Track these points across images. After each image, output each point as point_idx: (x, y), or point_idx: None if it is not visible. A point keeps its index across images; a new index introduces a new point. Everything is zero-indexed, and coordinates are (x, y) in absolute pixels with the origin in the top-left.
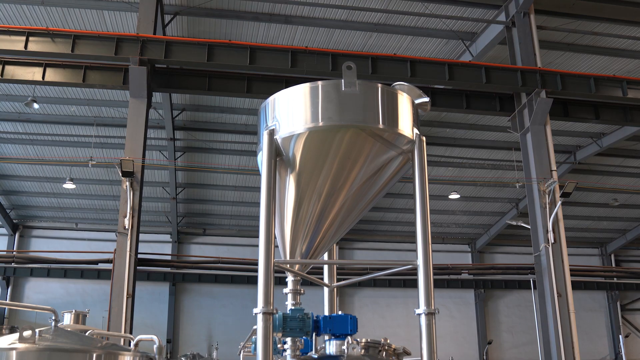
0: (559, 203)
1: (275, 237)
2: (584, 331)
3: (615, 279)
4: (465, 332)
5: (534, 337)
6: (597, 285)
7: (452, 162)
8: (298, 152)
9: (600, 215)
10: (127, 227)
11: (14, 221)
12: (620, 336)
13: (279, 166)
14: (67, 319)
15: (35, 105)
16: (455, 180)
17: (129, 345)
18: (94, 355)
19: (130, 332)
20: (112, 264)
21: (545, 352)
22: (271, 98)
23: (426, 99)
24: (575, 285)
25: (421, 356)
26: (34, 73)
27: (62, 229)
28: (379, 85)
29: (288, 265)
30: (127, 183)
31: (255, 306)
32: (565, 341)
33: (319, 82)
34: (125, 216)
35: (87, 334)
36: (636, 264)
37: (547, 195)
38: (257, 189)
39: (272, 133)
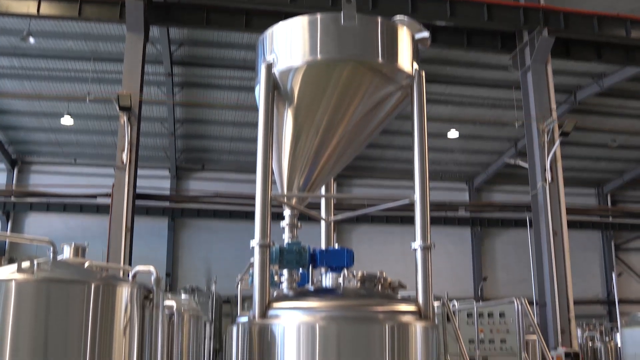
0: (557, 142)
1: (272, 172)
2: (577, 270)
3: (610, 218)
4: (461, 269)
5: (529, 275)
6: (593, 224)
7: (452, 101)
8: (296, 86)
9: (598, 155)
10: (125, 162)
11: (12, 157)
12: (613, 275)
13: (276, 100)
14: (67, 252)
15: (31, 40)
16: (454, 118)
17: (128, 277)
18: (92, 286)
19: (129, 266)
20: (110, 199)
21: (539, 289)
22: (269, 31)
23: (426, 34)
24: (571, 225)
25: (416, 290)
26: (29, 6)
27: (61, 164)
28: (379, 18)
29: (285, 199)
30: (125, 118)
31: None
32: (559, 279)
33: (318, 15)
34: (123, 151)
35: (85, 266)
36: (632, 204)
37: (546, 135)
38: (256, 125)
39: (269, 67)
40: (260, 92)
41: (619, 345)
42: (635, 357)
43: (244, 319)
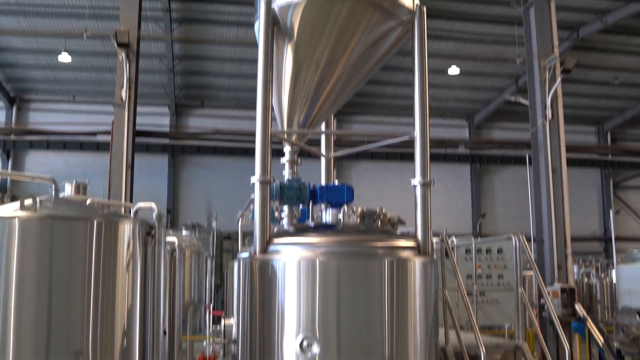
0: (558, 79)
1: (272, 108)
2: (575, 207)
3: (610, 156)
4: (460, 206)
5: (527, 212)
6: (592, 162)
7: (453, 36)
8: (296, 22)
9: (599, 93)
10: (124, 99)
11: (11, 94)
12: (610, 212)
13: (276, 36)
14: (68, 190)
15: None
16: (455, 54)
17: (129, 214)
18: (95, 222)
19: (131, 203)
20: (110, 136)
21: (537, 226)
22: None
23: None
24: (570, 162)
25: (415, 226)
26: None
27: (60, 101)
28: None
29: (285, 135)
30: (123, 54)
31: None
32: (557, 216)
33: None
34: (122, 88)
35: (87, 203)
36: (632, 142)
37: (547, 72)
38: (256, 61)
39: (269, 2)
40: (259, 27)
41: (614, 281)
42: (630, 293)
43: (244, 255)
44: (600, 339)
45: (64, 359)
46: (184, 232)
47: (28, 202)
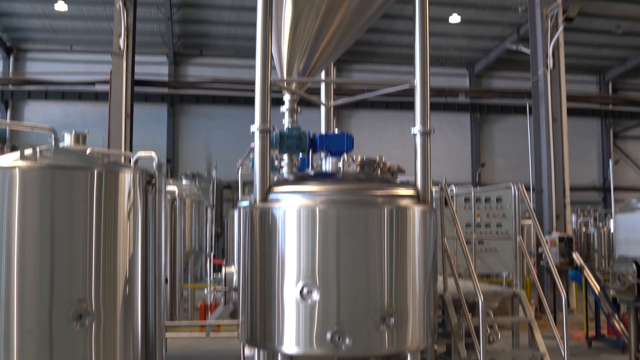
0: (560, 28)
1: (272, 57)
2: (575, 157)
3: (610, 106)
4: (460, 155)
5: (527, 161)
6: (592, 112)
7: None
8: None
9: (601, 42)
10: (122, 48)
11: (7, 44)
12: (610, 162)
13: None
14: (67, 140)
15: None
16: (456, 2)
17: (129, 163)
18: (95, 172)
19: (130, 152)
20: (109, 85)
21: (536, 175)
22: None
23: None
24: (571, 112)
25: (415, 175)
26: None
27: (57, 51)
28: None
29: (285, 84)
30: (120, 2)
31: None
32: (557, 165)
33: None
34: (119, 36)
35: (87, 152)
36: (633, 92)
37: (549, 20)
38: (255, 9)
39: None
40: None
41: (612, 230)
42: (627, 242)
43: (244, 203)
44: (596, 287)
45: (67, 307)
46: (184, 182)
47: (28, 152)
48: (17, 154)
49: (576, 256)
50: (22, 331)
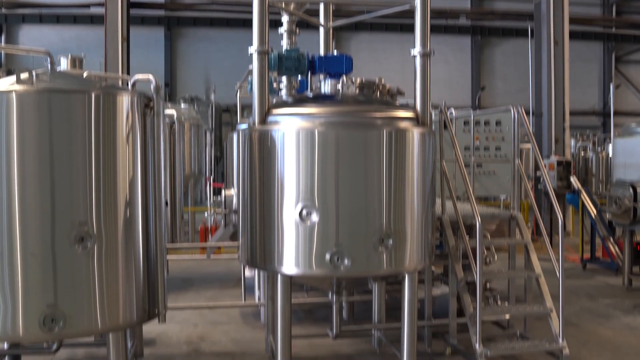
0: None
1: None
2: (576, 81)
3: (614, 29)
4: (460, 78)
5: (527, 85)
6: (595, 35)
7: None
8: None
9: None
10: None
11: None
12: (611, 86)
13: None
14: (64, 64)
15: None
16: None
17: (127, 87)
18: (93, 95)
19: (128, 76)
20: (104, 7)
21: (537, 99)
22: None
23: None
24: (573, 35)
25: (415, 97)
26: None
27: None
28: None
29: (283, 4)
30: None
31: None
32: (557, 89)
33: None
34: None
35: (84, 76)
36: (637, 15)
37: None
38: None
39: None
40: None
41: (610, 155)
42: (625, 166)
43: (243, 126)
44: (593, 210)
45: (69, 230)
46: (183, 106)
47: (24, 76)
48: (13, 78)
49: (574, 180)
50: (25, 254)
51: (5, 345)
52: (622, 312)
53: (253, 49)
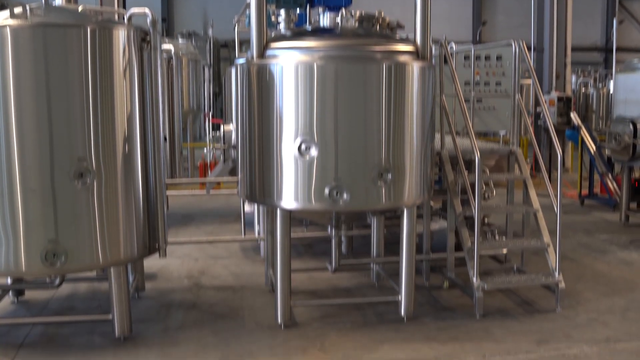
0: None
1: None
2: (578, 16)
3: None
4: (461, 13)
5: (529, 20)
6: None
7: None
8: None
9: None
10: None
11: None
12: (614, 21)
13: None
14: None
15: None
16: None
17: (123, 21)
18: (88, 29)
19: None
20: None
21: (538, 34)
22: None
23: None
24: None
25: (415, 31)
26: None
27: None
28: None
29: None
30: None
31: None
32: (559, 24)
33: None
34: None
35: (79, 10)
36: None
37: None
38: None
39: None
40: None
41: (611, 91)
42: (625, 102)
43: (242, 61)
44: (592, 146)
45: (68, 165)
46: (180, 41)
47: (18, 10)
48: (7, 12)
49: (574, 116)
50: (25, 190)
51: (9, 280)
52: (618, 247)
53: None
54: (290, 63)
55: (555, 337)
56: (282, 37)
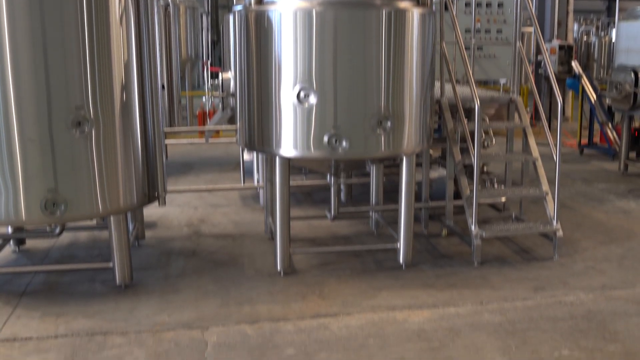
0: None
1: None
2: None
3: None
4: None
5: None
6: None
7: None
8: None
9: None
10: None
11: None
12: None
13: None
14: None
15: None
16: None
17: None
18: None
19: None
20: None
21: None
22: None
23: None
24: None
25: None
26: None
27: None
28: None
29: None
30: None
31: None
32: None
33: None
34: None
35: None
36: None
37: None
38: None
39: None
40: None
41: (613, 40)
42: (627, 51)
43: (239, 7)
44: (593, 95)
45: (66, 114)
46: None
47: None
48: None
49: (575, 64)
50: (23, 140)
51: (9, 230)
52: (617, 196)
53: None
54: (288, 9)
55: (552, 284)
56: None
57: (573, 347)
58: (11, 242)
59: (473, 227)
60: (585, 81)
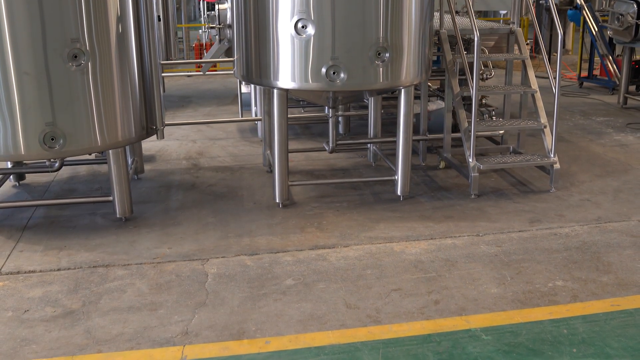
0: None
1: None
2: None
3: None
4: None
5: None
6: None
7: None
8: None
9: None
10: None
11: None
12: None
13: None
14: None
15: None
16: None
17: None
18: None
19: None
20: None
21: None
22: None
23: None
24: None
25: None
26: None
27: None
28: None
29: None
30: None
31: None
32: None
33: None
34: None
35: None
36: None
37: None
38: None
39: None
40: None
41: None
42: None
43: None
44: (594, 27)
45: (62, 47)
46: None
47: None
48: None
49: None
50: (19, 74)
51: (9, 164)
52: (615, 129)
53: None
54: None
55: (548, 216)
56: None
57: (567, 278)
58: (11, 176)
59: (470, 160)
60: (586, 12)
